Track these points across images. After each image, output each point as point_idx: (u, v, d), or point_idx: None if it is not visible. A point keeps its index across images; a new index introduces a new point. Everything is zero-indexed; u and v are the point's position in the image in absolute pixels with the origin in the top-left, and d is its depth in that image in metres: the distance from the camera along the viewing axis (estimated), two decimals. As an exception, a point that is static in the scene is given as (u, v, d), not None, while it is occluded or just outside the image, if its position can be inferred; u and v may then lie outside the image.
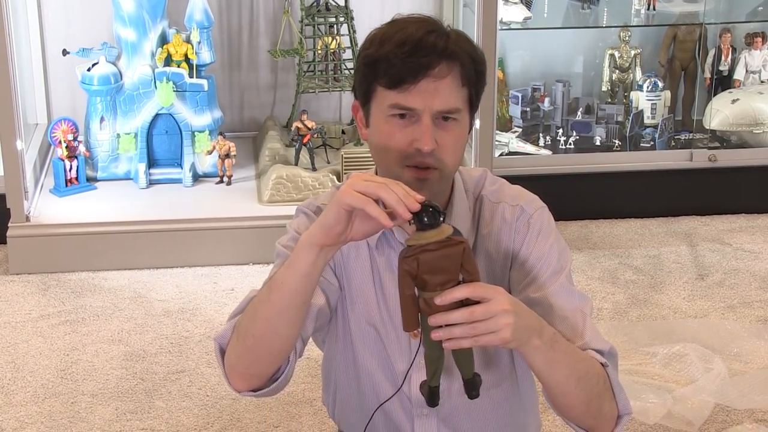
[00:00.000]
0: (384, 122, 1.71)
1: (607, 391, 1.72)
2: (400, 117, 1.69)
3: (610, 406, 1.73)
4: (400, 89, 1.67)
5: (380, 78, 1.69)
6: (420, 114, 1.68)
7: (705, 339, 3.36)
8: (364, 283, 1.83)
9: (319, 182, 3.95)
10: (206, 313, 3.53)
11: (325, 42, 4.19)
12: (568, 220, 4.21)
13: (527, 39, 4.53)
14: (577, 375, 1.67)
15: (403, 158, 1.70)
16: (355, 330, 1.86)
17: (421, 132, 1.67)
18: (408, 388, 1.84)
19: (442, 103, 1.68)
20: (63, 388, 3.12)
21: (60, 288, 3.69)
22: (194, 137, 4.11)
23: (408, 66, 1.66)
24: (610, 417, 1.74)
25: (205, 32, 4.08)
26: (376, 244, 1.81)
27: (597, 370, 1.70)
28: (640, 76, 4.47)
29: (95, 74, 4.02)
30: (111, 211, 3.90)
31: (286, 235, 1.85)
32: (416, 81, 1.66)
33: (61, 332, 3.41)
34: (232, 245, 3.84)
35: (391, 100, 1.69)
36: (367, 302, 1.83)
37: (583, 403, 1.69)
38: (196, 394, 3.09)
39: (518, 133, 4.37)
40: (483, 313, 1.54)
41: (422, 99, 1.67)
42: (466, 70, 1.70)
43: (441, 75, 1.67)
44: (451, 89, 1.69)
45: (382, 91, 1.70)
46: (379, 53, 1.69)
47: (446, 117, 1.70)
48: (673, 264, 3.91)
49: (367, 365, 1.86)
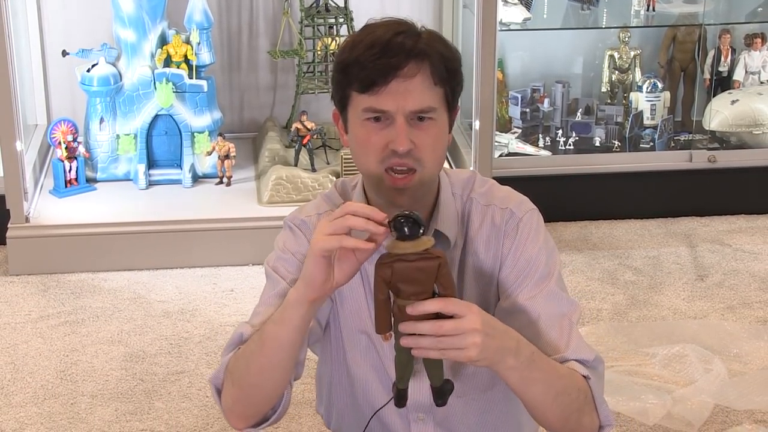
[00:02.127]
0: (360, 127, 1.72)
1: (588, 404, 1.71)
2: (375, 120, 1.70)
3: (591, 419, 1.73)
4: (372, 92, 1.68)
5: (353, 83, 1.70)
6: (393, 115, 1.68)
7: (704, 340, 3.35)
8: (353, 291, 1.83)
9: (319, 183, 3.95)
10: (206, 314, 3.53)
11: (324, 43, 4.19)
12: (567, 221, 4.21)
13: (527, 40, 4.53)
14: (555, 392, 1.66)
15: (380, 161, 1.70)
16: (347, 339, 1.86)
17: (395, 133, 1.68)
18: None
19: (414, 102, 1.68)
20: (62, 389, 3.12)
21: (60, 289, 3.69)
22: (194, 138, 4.11)
23: (377, 68, 1.66)
24: (590, 429, 1.73)
25: (205, 33, 4.08)
26: None
27: (578, 384, 1.70)
28: (639, 77, 4.46)
29: (95, 75, 4.01)
30: (110, 212, 3.90)
31: (274, 253, 1.86)
32: (386, 82, 1.67)
33: (61, 333, 3.41)
34: (231, 246, 3.84)
35: (365, 104, 1.70)
36: (358, 310, 1.83)
37: (561, 418, 1.69)
38: (196, 395, 3.09)
39: (518, 134, 4.37)
40: (451, 329, 1.55)
41: (394, 100, 1.67)
42: (436, 69, 1.70)
43: (410, 74, 1.67)
44: (423, 88, 1.68)
45: (356, 96, 1.71)
46: (350, 58, 1.70)
47: (421, 117, 1.70)
48: (672, 265, 3.91)
49: (360, 373, 1.86)
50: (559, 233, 4.11)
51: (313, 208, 1.88)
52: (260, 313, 1.79)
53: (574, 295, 3.63)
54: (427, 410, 1.84)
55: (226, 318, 3.50)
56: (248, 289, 3.68)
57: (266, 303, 1.80)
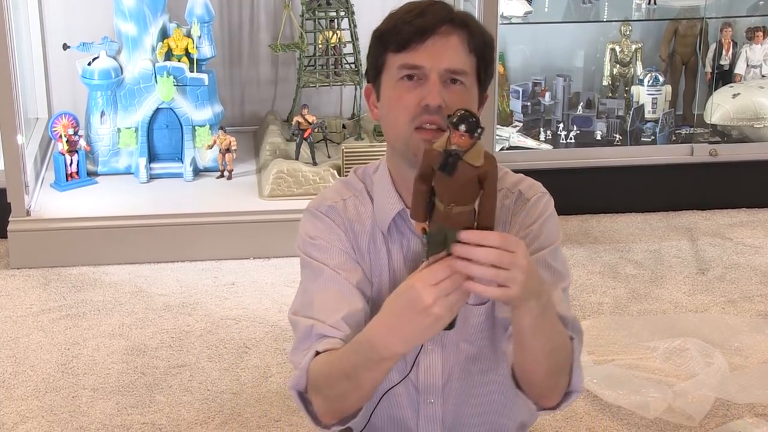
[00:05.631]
0: (393, 88, 1.74)
1: (567, 366, 1.73)
2: (409, 78, 1.72)
3: (565, 380, 1.74)
4: (408, 50, 1.71)
5: (390, 45, 1.74)
6: (428, 72, 1.71)
7: (705, 333, 3.35)
8: (379, 269, 1.83)
9: (320, 177, 3.94)
10: (207, 308, 3.53)
11: (325, 36, 4.18)
12: (568, 215, 4.21)
13: (528, 33, 4.52)
14: (552, 346, 1.67)
15: (411, 119, 1.72)
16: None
17: (428, 89, 1.70)
18: (415, 376, 1.84)
19: (448, 61, 1.71)
20: (64, 382, 3.12)
21: (61, 282, 3.69)
22: (195, 132, 4.11)
23: (414, 28, 1.71)
24: (561, 390, 1.75)
25: (206, 26, 4.08)
26: (388, 230, 1.82)
27: (567, 343, 1.71)
28: (641, 71, 4.46)
29: (96, 68, 4.01)
30: (112, 206, 3.90)
31: (303, 241, 1.83)
32: (423, 40, 1.71)
33: (62, 326, 3.41)
34: (232, 240, 3.84)
35: (400, 62, 1.73)
36: (379, 287, 1.83)
37: (546, 373, 1.70)
38: (197, 388, 3.09)
39: (519, 128, 4.37)
40: (508, 263, 1.51)
41: (429, 57, 1.71)
42: (473, 37, 1.74)
43: (447, 34, 1.71)
44: (458, 50, 1.72)
45: (392, 56, 1.74)
46: (388, 25, 1.75)
47: (454, 79, 1.72)
48: (673, 258, 3.91)
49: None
50: (560, 227, 4.10)
51: (335, 194, 1.87)
52: (314, 303, 1.77)
53: (575, 289, 3.63)
54: (437, 393, 1.86)
55: (227, 311, 3.50)
56: (249, 283, 3.68)
57: (321, 290, 1.77)
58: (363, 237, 1.82)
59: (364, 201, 1.84)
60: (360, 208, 1.84)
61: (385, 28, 1.76)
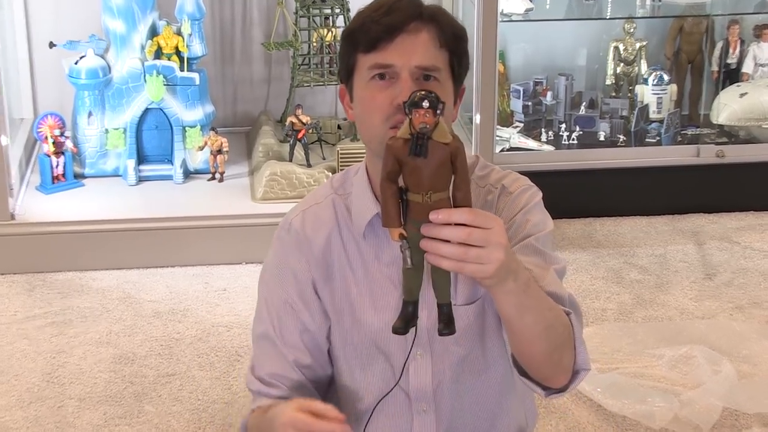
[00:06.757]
0: (365, 88, 1.75)
1: (569, 341, 1.73)
2: (380, 78, 1.73)
3: (569, 357, 1.74)
4: (377, 49, 1.72)
5: (359, 46, 1.74)
6: (399, 71, 1.71)
7: (713, 341, 3.35)
8: (352, 273, 1.83)
9: (314, 179, 3.93)
10: (197, 315, 3.52)
11: (320, 34, 4.18)
12: (571, 218, 4.20)
13: (529, 31, 4.52)
14: (545, 323, 1.66)
15: (385, 119, 1.72)
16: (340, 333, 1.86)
17: (400, 87, 1.70)
18: (405, 382, 1.83)
19: (419, 58, 1.71)
20: (49, 392, 3.11)
21: (46, 288, 3.68)
22: (185, 132, 4.10)
23: (382, 26, 1.71)
24: (567, 368, 1.74)
25: (197, 24, 4.07)
26: (364, 234, 1.81)
27: (563, 319, 1.71)
28: (645, 70, 4.46)
29: (83, 67, 4.00)
30: (99, 209, 3.89)
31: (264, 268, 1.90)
32: (392, 39, 1.71)
33: (48, 334, 3.40)
34: (224, 244, 3.83)
35: (370, 62, 1.73)
36: (351, 291, 1.84)
37: (546, 352, 1.69)
38: (187, 398, 3.08)
39: (520, 128, 4.36)
40: (480, 239, 1.51)
41: (399, 55, 1.71)
42: (443, 32, 1.73)
43: (416, 30, 1.71)
44: (428, 46, 1.72)
45: (362, 57, 1.74)
46: (356, 24, 1.76)
47: (427, 76, 1.72)
48: (679, 263, 3.90)
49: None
50: (562, 231, 4.10)
51: (302, 203, 1.91)
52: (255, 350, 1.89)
53: (578, 295, 3.62)
54: (429, 400, 1.85)
55: (219, 318, 3.49)
56: (241, 289, 3.67)
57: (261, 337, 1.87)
58: (322, 247, 1.83)
59: (328, 206, 1.85)
60: (321, 214, 1.85)
61: (353, 27, 1.76)
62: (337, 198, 1.86)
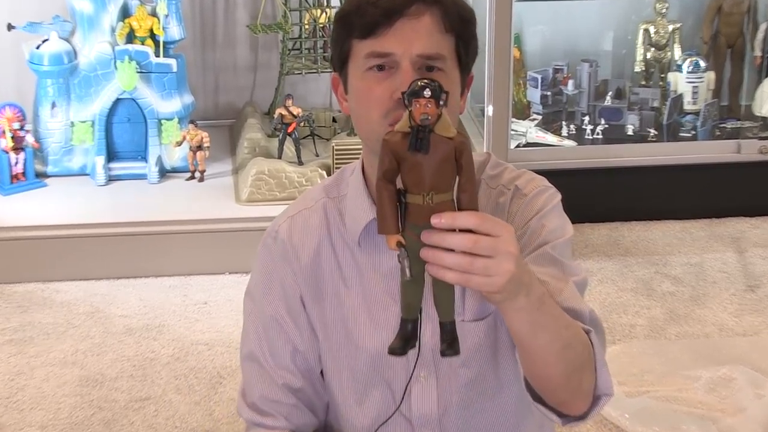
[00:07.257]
0: (361, 79, 1.73)
1: (589, 362, 1.72)
2: (378, 69, 1.71)
3: (590, 381, 1.73)
4: (375, 35, 1.70)
5: (354, 31, 1.72)
6: (399, 60, 1.69)
7: (755, 360, 3.35)
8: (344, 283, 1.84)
9: (307, 178, 3.94)
10: (175, 331, 3.52)
11: (313, 15, 4.19)
12: (595, 222, 4.21)
13: (548, 12, 4.53)
14: (561, 343, 1.65)
15: (384, 114, 1.70)
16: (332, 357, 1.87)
17: (401, 78, 1.68)
18: (407, 407, 1.84)
19: (422, 45, 1.69)
20: (7, 418, 3.11)
21: (4, 301, 3.68)
22: (161, 126, 4.11)
23: (380, 9, 1.69)
24: (587, 394, 1.73)
25: (174, 4, 4.08)
26: (359, 241, 1.81)
27: (582, 338, 1.70)
28: (679, 55, 4.47)
29: (45, 52, 4.01)
30: (64, 212, 3.90)
31: (252, 280, 1.91)
32: (391, 24, 1.69)
33: (5, 353, 3.40)
34: (205, 252, 3.83)
35: (367, 50, 1.71)
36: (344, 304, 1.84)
37: (564, 374, 1.68)
38: (163, 425, 3.08)
39: (537, 121, 4.37)
40: (488, 248, 1.49)
41: (399, 42, 1.69)
42: (448, 14, 1.72)
43: (418, 14, 1.69)
44: (432, 32, 1.70)
45: (357, 44, 1.72)
46: (351, 6, 1.73)
47: (430, 66, 1.71)
48: (717, 273, 3.91)
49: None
50: (585, 237, 4.10)
51: (291, 207, 1.90)
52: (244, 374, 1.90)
53: (604, 309, 3.62)
54: (434, 427, 1.85)
55: (198, 335, 3.49)
56: (224, 302, 3.67)
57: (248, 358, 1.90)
58: (311, 259, 1.84)
59: (318, 210, 1.85)
60: (311, 220, 1.85)
61: (347, 8, 1.74)
62: (329, 202, 1.85)
